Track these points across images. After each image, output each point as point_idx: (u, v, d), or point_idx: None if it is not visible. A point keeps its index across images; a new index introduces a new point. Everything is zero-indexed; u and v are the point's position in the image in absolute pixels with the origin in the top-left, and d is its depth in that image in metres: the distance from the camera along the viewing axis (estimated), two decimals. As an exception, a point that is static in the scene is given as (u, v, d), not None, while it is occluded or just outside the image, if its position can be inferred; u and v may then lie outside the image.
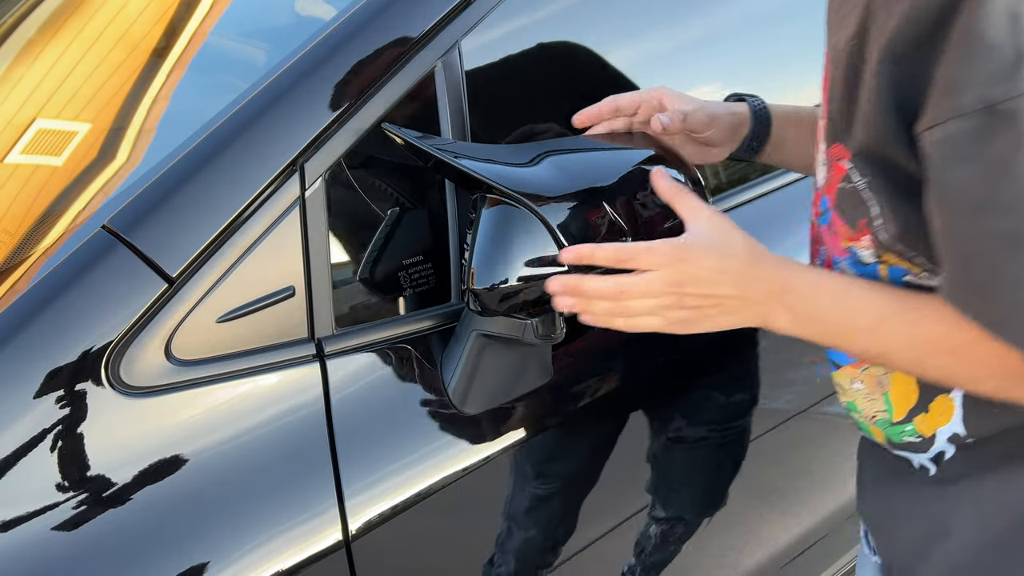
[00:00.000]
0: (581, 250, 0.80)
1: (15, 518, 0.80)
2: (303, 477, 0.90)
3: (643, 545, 1.29)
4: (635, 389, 1.16)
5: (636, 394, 1.17)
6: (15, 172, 1.22)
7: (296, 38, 0.99)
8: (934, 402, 0.83)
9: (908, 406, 0.85)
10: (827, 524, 1.63)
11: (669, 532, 1.31)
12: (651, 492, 1.25)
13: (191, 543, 0.84)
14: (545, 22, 1.14)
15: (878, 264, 0.78)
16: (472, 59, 1.03)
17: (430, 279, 1.03)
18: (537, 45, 1.12)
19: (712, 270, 0.78)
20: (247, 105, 0.92)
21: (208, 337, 0.89)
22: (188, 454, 0.86)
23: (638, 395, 1.18)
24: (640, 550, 1.29)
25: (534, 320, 0.93)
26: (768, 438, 1.38)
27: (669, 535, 1.31)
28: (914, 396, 0.85)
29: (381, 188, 1.02)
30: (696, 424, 1.27)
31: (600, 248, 0.80)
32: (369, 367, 0.97)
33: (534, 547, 1.13)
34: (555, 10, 1.15)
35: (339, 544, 0.90)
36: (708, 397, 1.29)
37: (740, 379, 1.32)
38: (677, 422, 1.25)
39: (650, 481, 1.24)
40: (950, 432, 0.83)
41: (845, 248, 0.80)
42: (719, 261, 0.78)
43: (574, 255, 0.81)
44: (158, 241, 0.87)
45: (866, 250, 0.78)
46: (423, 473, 0.96)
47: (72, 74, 1.35)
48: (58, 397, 0.83)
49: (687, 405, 1.26)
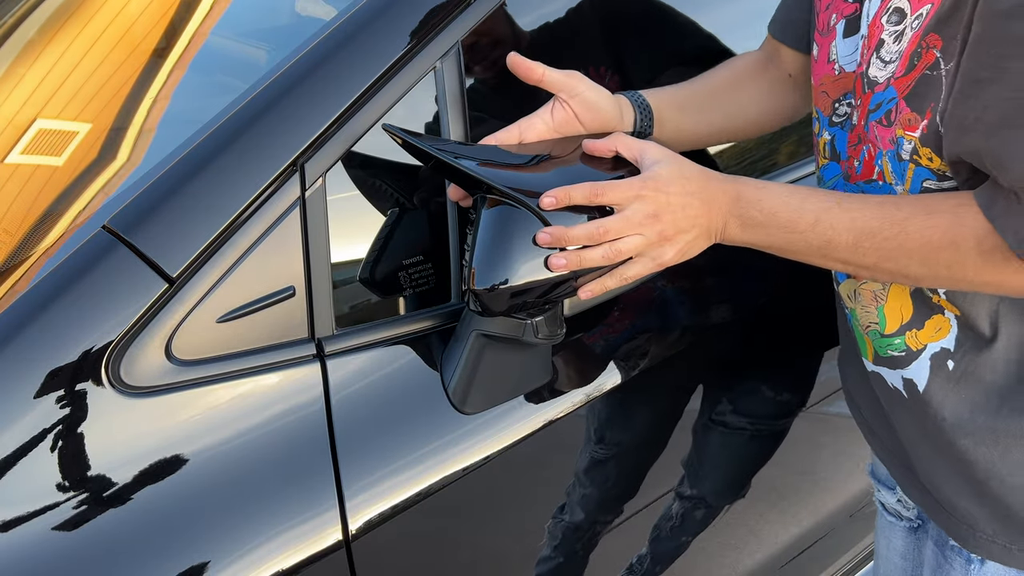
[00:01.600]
0: (557, 192, 0.83)
1: (15, 518, 0.80)
2: (303, 477, 0.90)
3: (660, 528, 1.30)
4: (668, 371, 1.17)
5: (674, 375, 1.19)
6: (15, 172, 1.22)
7: (296, 38, 0.99)
8: (931, 319, 0.90)
9: (901, 321, 0.92)
10: (827, 524, 1.63)
11: (688, 512, 1.32)
12: (685, 469, 1.28)
13: (191, 543, 0.84)
14: (545, 22, 1.14)
15: (909, 162, 0.83)
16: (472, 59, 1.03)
17: (430, 279, 1.03)
18: (537, 45, 1.12)
19: (680, 194, 0.83)
20: (247, 105, 0.92)
21: (208, 337, 0.89)
22: (188, 454, 0.86)
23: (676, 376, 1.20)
24: (656, 533, 1.30)
25: (534, 320, 0.93)
26: (768, 437, 1.39)
27: (688, 516, 1.33)
28: (908, 312, 0.91)
29: (381, 188, 1.02)
30: (737, 413, 1.31)
31: (574, 187, 0.83)
32: (369, 367, 0.97)
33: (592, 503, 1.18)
34: (554, 10, 1.15)
35: (339, 544, 0.90)
36: (755, 390, 1.32)
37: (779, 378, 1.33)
38: (722, 406, 1.29)
39: (685, 460, 1.28)
40: (939, 347, 0.89)
41: (894, 140, 0.84)
42: (682, 184, 0.84)
43: (551, 198, 0.83)
44: (158, 241, 0.87)
45: (910, 142, 0.82)
46: (423, 473, 0.96)
47: (72, 74, 1.35)
48: (58, 397, 0.83)
49: (698, 395, 1.26)
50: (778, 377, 1.39)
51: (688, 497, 1.31)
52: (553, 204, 0.83)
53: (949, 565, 1.03)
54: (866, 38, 0.87)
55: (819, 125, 1.00)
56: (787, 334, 1.36)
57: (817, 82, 0.98)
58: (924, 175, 0.84)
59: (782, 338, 1.35)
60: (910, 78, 0.81)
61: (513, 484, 1.09)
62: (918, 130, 0.81)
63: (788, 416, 1.40)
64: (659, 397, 1.23)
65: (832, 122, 0.97)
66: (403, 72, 0.97)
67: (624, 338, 1.15)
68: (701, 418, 1.28)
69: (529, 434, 1.04)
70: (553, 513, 1.15)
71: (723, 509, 1.38)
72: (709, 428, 1.29)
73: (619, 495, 1.23)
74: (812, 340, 1.38)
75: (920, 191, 0.84)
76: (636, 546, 1.30)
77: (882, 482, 1.19)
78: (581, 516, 1.18)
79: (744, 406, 1.33)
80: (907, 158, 0.83)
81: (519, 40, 1.11)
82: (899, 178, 0.86)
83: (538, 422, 1.05)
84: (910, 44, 0.81)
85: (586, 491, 1.18)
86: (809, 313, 1.30)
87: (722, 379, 1.31)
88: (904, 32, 0.82)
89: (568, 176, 0.89)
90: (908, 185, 0.85)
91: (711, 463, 1.34)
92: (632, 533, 1.27)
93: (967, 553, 0.99)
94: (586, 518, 1.19)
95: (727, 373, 1.31)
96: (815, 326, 1.30)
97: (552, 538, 1.15)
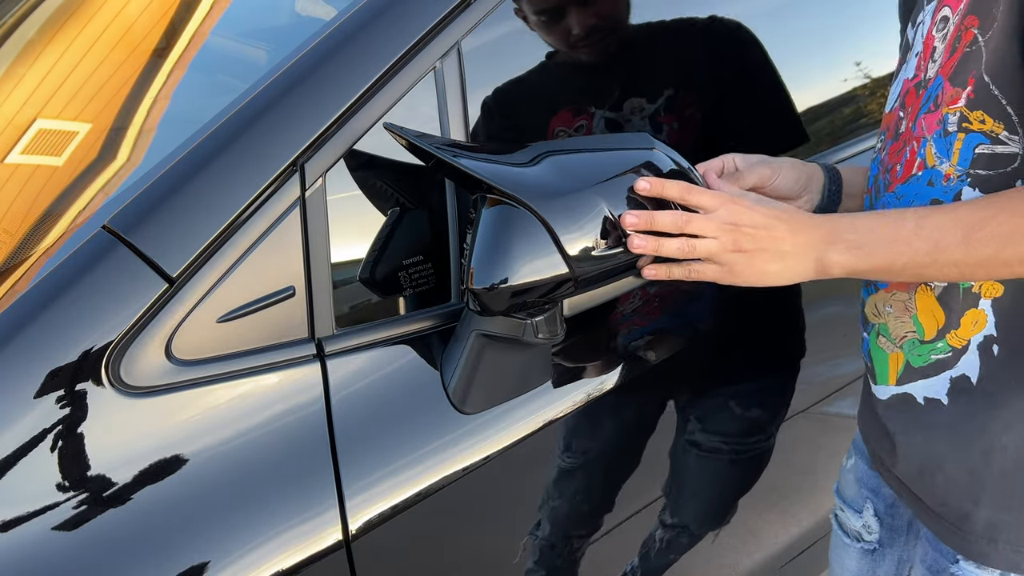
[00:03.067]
0: (653, 179, 0.88)
1: (15, 518, 0.80)
2: (303, 477, 0.90)
3: (648, 547, 1.30)
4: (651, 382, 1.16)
5: (651, 388, 1.18)
6: (15, 172, 1.22)
7: (296, 38, 0.99)
8: (965, 316, 0.89)
9: (937, 325, 0.92)
10: (827, 524, 1.62)
11: (674, 539, 1.32)
12: (664, 494, 1.26)
13: (191, 543, 0.84)
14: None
15: (958, 132, 0.84)
16: (472, 59, 1.03)
17: (430, 279, 1.03)
18: (537, 45, 1.12)
19: (766, 215, 0.88)
20: (247, 105, 0.92)
21: (208, 337, 0.89)
22: (188, 454, 0.86)
23: (653, 389, 1.18)
24: (645, 551, 1.30)
25: (534, 320, 0.93)
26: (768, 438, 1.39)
27: (673, 542, 1.32)
28: (941, 315, 0.91)
29: (381, 188, 1.02)
30: (710, 432, 1.30)
31: (670, 182, 0.89)
32: (369, 367, 0.97)
33: (561, 515, 1.17)
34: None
35: (339, 544, 0.90)
36: (725, 406, 1.30)
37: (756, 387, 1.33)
38: (686, 417, 1.27)
39: (664, 484, 1.27)
40: (982, 336, 0.89)
41: (940, 120, 0.86)
42: (770, 208, 0.89)
43: (646, 183, 0.88)
44: (158, 241, 0.87)
45: (955, 114, 0.84)
46: (423, 473, 0.96)
47: (72, 74, 1.35)
48: (58, 397, 0.83)
49: (697, 399, 1.26)
50: (777, 381, 1.39)
51: (671, 525, 1.31)
52: (646, 190, 0.88)
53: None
54: (920, 53, 0.91)
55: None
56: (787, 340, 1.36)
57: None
58: (976, 140, 0.83)
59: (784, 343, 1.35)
60: (952, 60, 0.84)
61: (513, 484, 1.09)
62: (962, 99, 0.83)
63: (762, 429, 1.39)
64: (660, 397, 1.23)
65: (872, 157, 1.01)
66: (403, 72, 0.97)
67: (624, 337, 1.15)
68: (703, 418, 1.28)
69: (529, 434, 1.04)
70: (530, 530, 1.14)
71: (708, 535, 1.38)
72: (686, 450, 1.29)
73: (618, 499, 1.23)
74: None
75: (971, 160, 0.84)
76: (628, 555, 1.30)
77: (848, 503, 1.17)
78: (555, 527, 1.18)
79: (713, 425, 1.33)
80: (954, 129, 0.84)
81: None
82: (945, 155, 0.86)
83: (538, 422, 1.05)
84: (952, 34, 0.84)
85: (584, 502, 1.18)
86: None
87: (725, 378, 1.31)
88: (948, 31, 0.86)
89: (572, 180, 0.88)
90: (956, 158, 0.85)
91: (691, 488, 1.33)
92: (622, 536, 1.27)
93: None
94: (585, 523, 1.19)
95: (730, 372, 1.31)
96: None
97: (533, 553, 1.15)
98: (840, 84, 1.42)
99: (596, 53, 1.15)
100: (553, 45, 1.12)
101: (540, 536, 1.14)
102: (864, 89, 1.44)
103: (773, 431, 1.37)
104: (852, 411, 1.53)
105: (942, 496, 0.95)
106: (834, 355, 1.47)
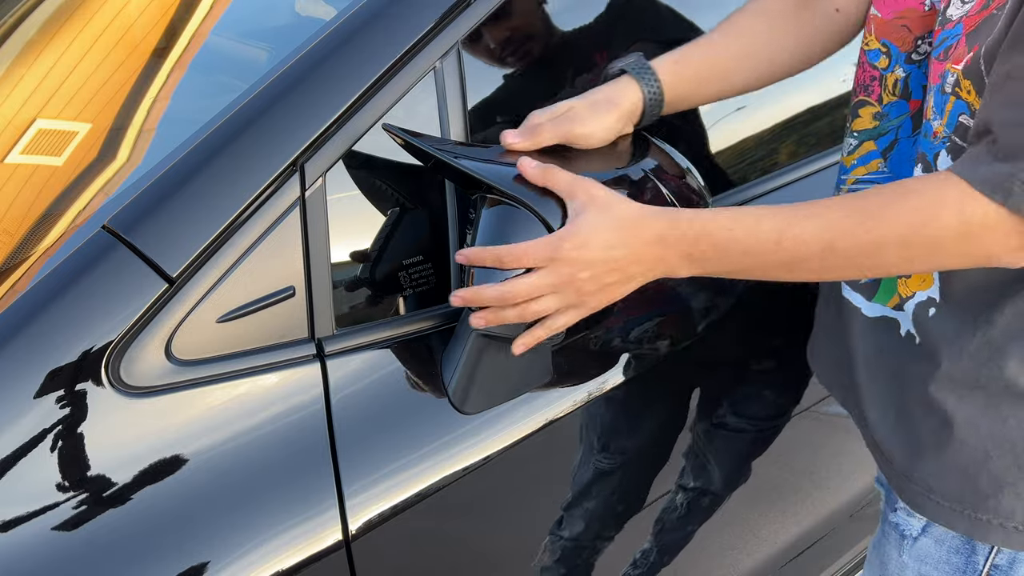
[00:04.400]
0: (468, 252, 0.83)
1: (15, 518, 0.80)
2: (303, 477, 0.90)
3: (664, 520, 1.29)
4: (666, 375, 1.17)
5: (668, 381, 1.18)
6: (15, 172, 1.22)
7: (296, 38, 0.99)
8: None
9: None
10: (827, 524, 1.63)
11: (694, 502, 1.32)
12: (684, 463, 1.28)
13: (191, 543, 0.84)
14: (545, 21, 1.14)
15: (951, 95, 0.82)
16: (472, 59, 1.03)
17: (430, 279, 1.03)
18: (537, 45, 1.12)
19: (601, 248, 0.81)
20: (247, 105, 0.92)
21: (208, 337, 0.89)
22: (188, 454, 0.86)
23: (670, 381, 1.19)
24: (660, 526, 1.29)
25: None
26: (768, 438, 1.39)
27: (694, 506, 1.32)
28: None
29: (381, 188, 1.02)
30: (710, 413, 1.30)
31: (486, 249, 0.83)
32: (369, 367, 0.97)
33: (595, 516, 1.17)
34: (555, 10, 1.15)
35: (339, 544, 0.90)
36: (715, 388, 1.30)
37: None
38: (692, 409, 1.27)
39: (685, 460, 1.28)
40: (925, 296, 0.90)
41: (942, 74, 0.84)
42: (605, 237, 0.81)
43: (464, 256, 0.84)
44: (158, 241, 0.87)
45: (953, 75, 0.81)
46: (423, 473, 0.96)
47: (72, 74, 1.35)
48: (58, 397, 0.83)
49: (699, 394, 1.26)
50: (782, 373, 1.39)
51: (691, 489, 1.31)
52: (463, 262, 0.84)
53: (886, 539, 1.05)
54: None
55: (888, 60, 0.94)
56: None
57: (895, 13, 0.93)
58: (961, 109, 0.82)
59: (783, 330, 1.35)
60: (980, 16, 0.80)
61: (513, 484, 1.09)
62: (962, 63, 0.80)
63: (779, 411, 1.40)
64: (664, 396, 1.23)
65: (910, 59, 0.93)
66: (403, 72, 0.97)
67: (625, 337, 1.15)
68: (704, 417, 1.28)
69: (529, 434, 1.04)
70: (550, 529, 1.14)
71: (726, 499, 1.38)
72: (717, 426, 1.29)
73: (627, 501, 1.23)
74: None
75: (955, 127, 0.83)
76: (639, 542, 1.30)
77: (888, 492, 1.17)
78: (582, 525, 1.18)
79: (750, 403, 1.34)
80: (949, 91, 0.83)
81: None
82: (938, 112, 0.85)
83: (538, 422, 1.05)
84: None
85: (589, 502, 1.18)
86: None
87: (726, 377, 1.31)
88: None
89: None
90: (946, 119, 0.84)
91: (718, 458, 1.34)
92: (633, 532, 1.27)
93: (903, 528, 1.01)
94: (587, 527, 1.19)
95: (731, 370, 1.31)
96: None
97: (554, 552, 1.15)
98: (840, 84, 1.42)
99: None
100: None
101: (565, 536, 1.14)
102: (864, 89, 1.44)
103: (790, 412, 1.39)
104: (852, 411, 1.54)
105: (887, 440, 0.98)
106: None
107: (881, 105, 0.97)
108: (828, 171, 1.36)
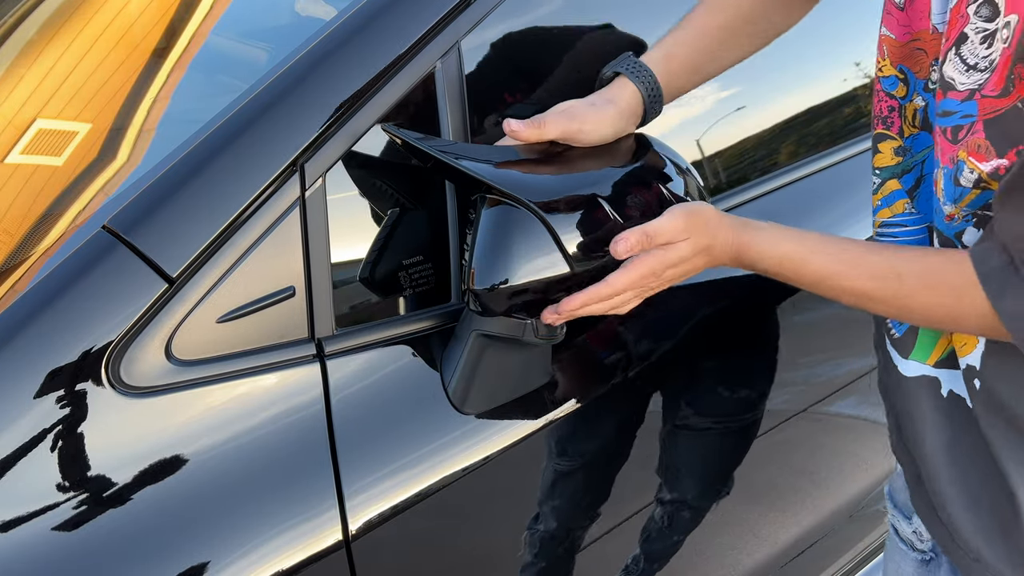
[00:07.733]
0: (628, 235, 0.85)
1: (15, 518, 0.80)
2: (303, 477, 0.90)
3: (648, 530, 1.29)
4: (641, 379, 1.16)
5: (643, 384, 1.18)
6: (15, 172, 1.22)
7: (296, 38, 0.99)
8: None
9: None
10: (827, 524, 1.63)
11: (675, 515, 1.32)
12: (659, 476, 1.27)
13: (191, 543, 0.84)
14: (545, 21, 1.14)
15: (972, 189, 0.75)
16: (472, 59, 1.03)
17: (430, 279, 1.03)
18: (537, 45, 1.12)
19: (688, 250, 0.87)
20: (247, 105, 0.92)
21: (208, 337, 0.89)
22: (188, 454, 0.86)
23: (645, 385, 1.18)
24: (646, 536, 1.29)
25: (534, 320, 0.93)
26: (768, 437, 1.39)
27: (675, 518, 1.32)
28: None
29: (381, 188, 1.02)
30: (702, 414, 1.29)
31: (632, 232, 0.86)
32: (369, 367, 0.97)
33: (563, 512, 1.18)
34: (555, 9, 1.15)
35: (339, 544, 0.90)
36: (713, 390, 1.30)
37: (745, 375, 1.33)
38: (684, 411, 1.26)
39: (658, 466, 1.27)
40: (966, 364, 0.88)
41: (954, 160, 0.75)
42: (688, 244, 0.87)
43: (625, 244, 0.86)
44: (158, 241, 0.87)
45: (973, 172, 0.73)
46: (423, 473, 0.96)
47: (72, 74, 1.35)
48: (58, 397, 0.83)
49: (693, 395, 1.26)
50: (762, 374, 1.39)
51: (671, 501, 1.31)
52: (628, 251, 0.85)
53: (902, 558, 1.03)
54: (947, 23, 0.75)
55: (906, 88, 0.86)
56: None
57: (909, 35, 0.83)
58: (989, 196, 0.75)
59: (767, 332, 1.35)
60: (1001, 104, 0.69)
61: (513, 484, 1.09)
62: (989, 165, 0.71)
63: (750, 409, 1.38)
64: (661, 392, 1.23)
65: (927, 87, 0.84)
66: (403, 72, 0.97)
67: (625, 336, 1.15)
68: (665, 426, 1.27)
69: (529, 434, 1.04)
70: (527, 524, 1.13)
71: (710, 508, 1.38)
72: (675, 435, 1.28)
73: (630, 501, 1.23)
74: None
75: (981, 206, 0.78)
76: (629, 548, 1.30)
77: (899, 508, 1.11)
78: (558, 523, 1.17)
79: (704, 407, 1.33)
80: (968, 186, 0.75)
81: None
82: (950, 199, 0.78)
83: (538, 422, 1.05)
84: (1003, 60, 0.68)
85: (597, 501, 1.17)
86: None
87: (726, 375, 1.31)
88: (994, 37, 0.69)
89: (571, 180, 0.89)
90: (963, 204, 0.77)
91: (686, 466, 1.33)
92: (621, 536, 1.27)
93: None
94: (571, 523, 1.19)
95: (731, 368, 1.31)
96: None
97: (532, 546, 1.15)
98: (840, 84, 1.42)
99: None
100: None
101: (540, 529, 1.14)
102: (864, 89, 1.44)
103: (763, 408, 1.37)
104: (852, 411, 1.54)
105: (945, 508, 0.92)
106: (834, 355, 1.47)
107: (903, 139, 0.89)
108: (828, 171, 1.36)
